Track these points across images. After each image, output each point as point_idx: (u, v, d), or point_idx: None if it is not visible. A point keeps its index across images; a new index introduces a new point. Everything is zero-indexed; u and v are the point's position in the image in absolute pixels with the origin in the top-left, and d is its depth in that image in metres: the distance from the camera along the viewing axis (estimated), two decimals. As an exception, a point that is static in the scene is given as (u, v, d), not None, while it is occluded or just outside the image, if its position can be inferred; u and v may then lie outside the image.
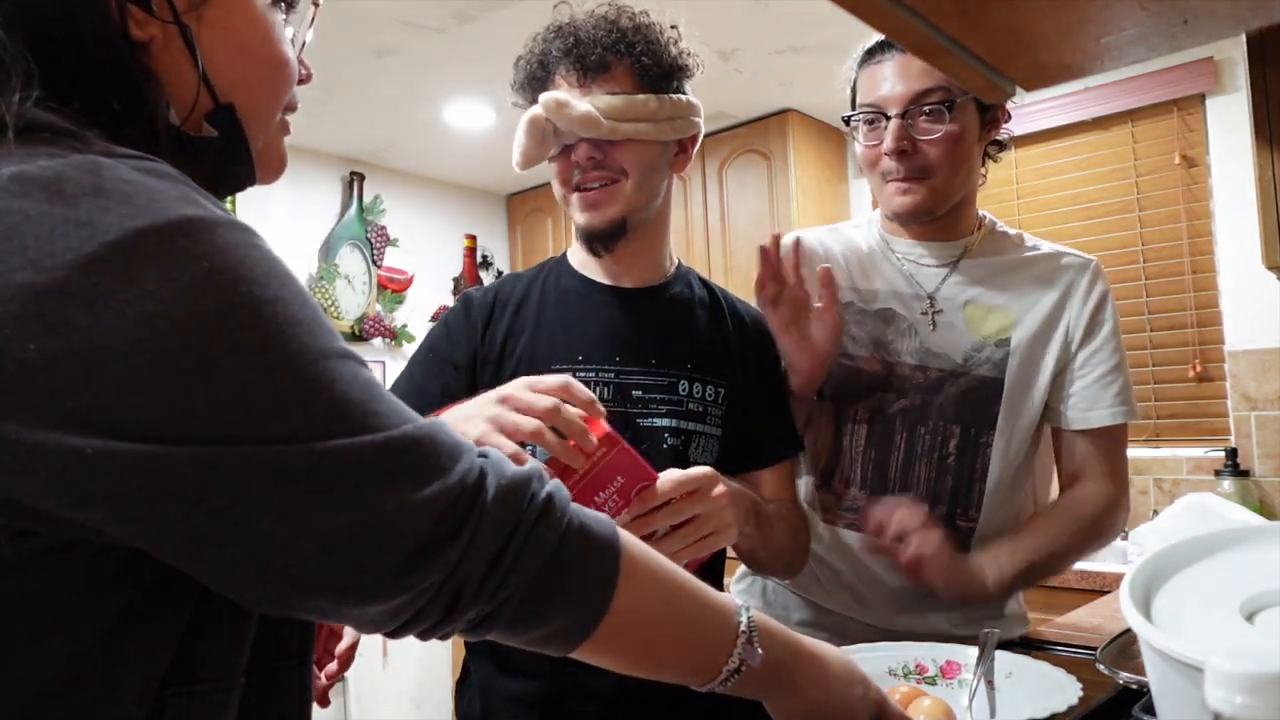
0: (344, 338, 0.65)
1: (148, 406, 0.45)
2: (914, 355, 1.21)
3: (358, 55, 2.80)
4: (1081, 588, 2.24)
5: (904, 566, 1.09)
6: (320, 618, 0.53)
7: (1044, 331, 1.21)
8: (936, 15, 0.83)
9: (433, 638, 0.57)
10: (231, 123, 0.62)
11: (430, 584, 0.52)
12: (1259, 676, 0.39)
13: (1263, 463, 2.60)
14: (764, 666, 0.67)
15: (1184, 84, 2.72)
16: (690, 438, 1.09)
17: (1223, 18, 0.89)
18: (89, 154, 0.49)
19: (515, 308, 1.14)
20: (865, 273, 1.27)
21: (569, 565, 0.58)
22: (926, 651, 1.01)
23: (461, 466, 0.54)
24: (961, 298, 1.22)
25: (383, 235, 3.89)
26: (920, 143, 1.16)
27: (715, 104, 3.29)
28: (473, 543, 0.53)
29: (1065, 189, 2.97)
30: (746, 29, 2.69)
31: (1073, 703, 0.83)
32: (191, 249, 0.47)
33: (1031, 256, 1.26)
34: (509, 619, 0.57)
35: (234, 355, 0.47)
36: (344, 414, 0.50)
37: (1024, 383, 1.20)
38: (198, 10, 0.59)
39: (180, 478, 0.46)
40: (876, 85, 1.18)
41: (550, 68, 1.09)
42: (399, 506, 0.50)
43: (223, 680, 0.53)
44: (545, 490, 0.58)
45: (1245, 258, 2.61)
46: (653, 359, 1.10)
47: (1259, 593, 0.62)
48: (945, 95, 1.14)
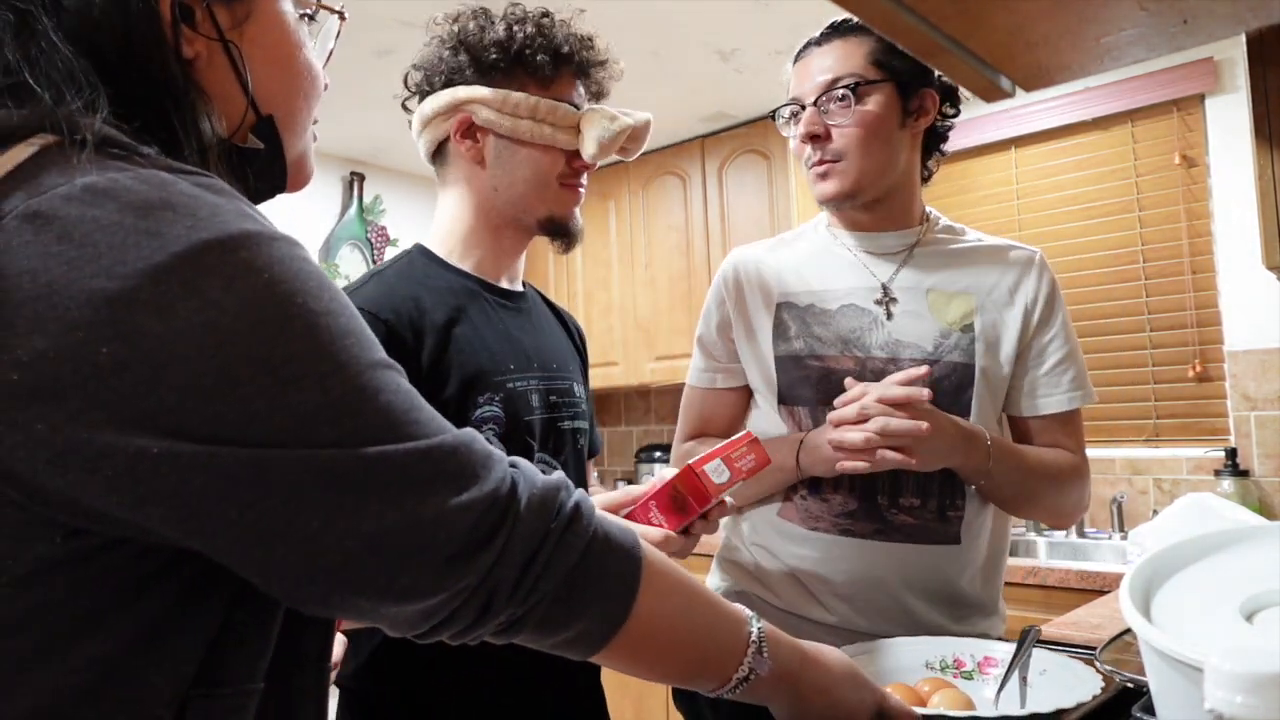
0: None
1: (210, 410, 0.47)
2: (884, 348, 1.21)
3: (358, 55, 2.80)
4: (1081, 588, 2.24)
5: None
6: (358, 617, 0.56)
7: (1003, 316, 1.23)
8: (936, 15, 0.83)
9: (464, 640, 0.60)
10: (273, 134, 0.65)
11: (466, 586, 0.55)
12: (1259, 676, 0.40)
13: (1263, 463, 2.60)
14: (771, 674, 0.70)
15: (1184, 84, 2.72)
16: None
17: (1223, 18, 0.89)
18: (153, 169, 0.51)
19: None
20: (820, 273, 1.28)
21: (594, 572, 0.61)
22: (965, 646, 1.02)
23: (496, 475, 0.57)
24: (924, 285, 1.24)
25: (383, 235, 3.89)
26: (832, 128, 1.21)
27: (715, 104, 3.29)
28: (507, 547, 0.56)
29: (1065, 189, 2.97)
30: (746, 29, 2.69)
31: (1095, 693, 0.83)
32: (252, 262, 0.50)
33: (981, 246, 1.29)
34: (537, 622, 0.60)
35: (291, 364, 0.49)
36: (389, 422, 0.52)
37: (992, 367, 1.22)
38: (240, 28, 0.62)
39: (237, 478, 0.48)
40: (799, 80, 1.26)
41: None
42: (439, 511, 0.53)
43: (245, 684, 0.55)
44: (573, 499, 0.61)
45: (1245, 258, 2.61)
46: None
47: (1259, 593, 0.62)
48: (856, 80, 1.20)
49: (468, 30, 1.10)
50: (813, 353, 1.23)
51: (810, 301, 1.26)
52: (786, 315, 1.26)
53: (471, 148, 1.11)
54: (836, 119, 1.21)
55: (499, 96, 1.07)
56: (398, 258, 1.14)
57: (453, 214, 1.15)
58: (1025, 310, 1.23)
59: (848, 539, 1.19)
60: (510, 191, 1.11)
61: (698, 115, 3.39)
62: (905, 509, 1.19)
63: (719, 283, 1.33)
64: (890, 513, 1.19)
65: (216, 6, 0.60)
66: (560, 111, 1.09)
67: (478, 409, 1.04)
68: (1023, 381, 1.24)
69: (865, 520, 1.19)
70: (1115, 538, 2.71)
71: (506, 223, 1.14)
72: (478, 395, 1.04)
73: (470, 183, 1.13)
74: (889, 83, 1.21)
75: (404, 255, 1.14)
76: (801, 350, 1.24)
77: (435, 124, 1.12)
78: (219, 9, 0.61)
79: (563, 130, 1.09)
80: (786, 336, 1.26)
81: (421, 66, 1.13)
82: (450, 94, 1.09)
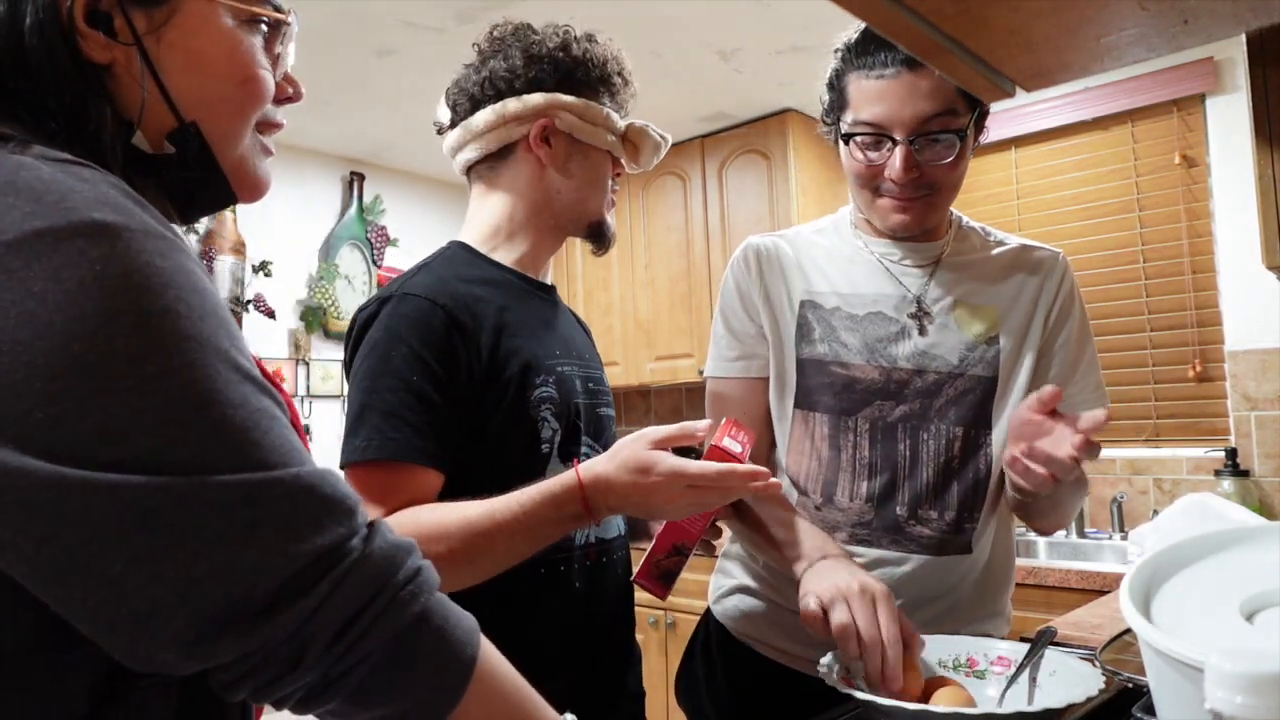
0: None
1: (14, 410, 0.43)
2: (910, 359, 1.19)
3: (358, 55, 2.80)
4: (1081, 588, 2.24)
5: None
6: (166, 670, 0.48)
7: (1025, 324, 1.21)
8: (936, 15, 0.83)
9: (264, 699, 0.52)
10: (196, 141, 0.62)
11: (276, 637, 0.48)
12: (1259, 676, 0.40)
13: (1263, 463, 2.60)
14: None
15: (1184, 84, 2.72)
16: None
17: (1223, 18, 0.89)
18: (21, 156, 0.49)
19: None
20: (847, 277, 1.24)
21: (425, 647, 0.54)
22: (978, 646, 1.02)
23: (341, 527, 0.51)
24: (950, 298, 1.22)
25: (383, 235, 3.89)
26: (925, 165, 1.13)
27: (715, 104, 3.29)
28: (332, 595, 0.49)
29: (1065, 189, 2.97)
30: (746, 29, 2.69)
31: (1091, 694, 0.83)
32: (86, 251, 0.45)
33: (1005, 253, 1.26)
34: (352, 689, 0.52)
35: (108, 364, 0.44)
36: (222, 442, 0.47)
37: (1013, 378, 1.20)
38: (157, 33, 0.60)
39: (35, 504, 0.43)
40: (877, 101, 1.12)
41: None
42: (261, 561, 0.47)
43: (161, 675, 0.52)
44: (420, 564, 0.56)
45: (1245, 258, 2.61)
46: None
47: (1259, 593, 0.62)
48: (953, 120, 1.12)
49: (550, 44, 1.16)
50: (837, 358, 1.21)
51: (836, 304, 1.23)
52: (811, 315, 1.23)
53: (548, 152, 1.15)
54: (932, 158, 1.13)
55: (582, 105, 1.15)
56: (440, 252, 1.17)
57: (501, 212, 1.18)
58: (1046, 316, 1.22)
59: (862, 547, 1.18)
60: (575, 194, 1.18)
61: (698, 115, 3.39)
62: (923, 520, 1.18)
63: (740, 267, 1.27)
64: (909, 524, 1.17)
65: (133, 11, 0.59)
66: (616, 122, 1.18)
67: (535, 389, 1.08)
68: (1045, 383, 1.19)
69: (881, 530, 1.18)
70: (1115, 538, 2.71)
71: (559, 224, 1.20)
72: (534, 377, 1.08)
73: (532, 184, 1.17)
74: (973, 111, 1.14)
75: (445, 250, 1.18)
76: (826, 355, 1.21)
77: (510, 126, 1.15)
78: (136, 14, 0.59)
79: (617, 141, 1.19)
80: (811, 339, 1.22)
81: (499, 72, 1.15)
82: (542, 98, 1.14)
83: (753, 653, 1.25)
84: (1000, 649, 1.01)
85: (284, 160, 3.64)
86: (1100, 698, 0.83)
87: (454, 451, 1.02)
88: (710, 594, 1.36)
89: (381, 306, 1.05)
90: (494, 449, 1.05)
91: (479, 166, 1.20)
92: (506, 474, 1.02)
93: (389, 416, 0.99)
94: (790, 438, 1.24)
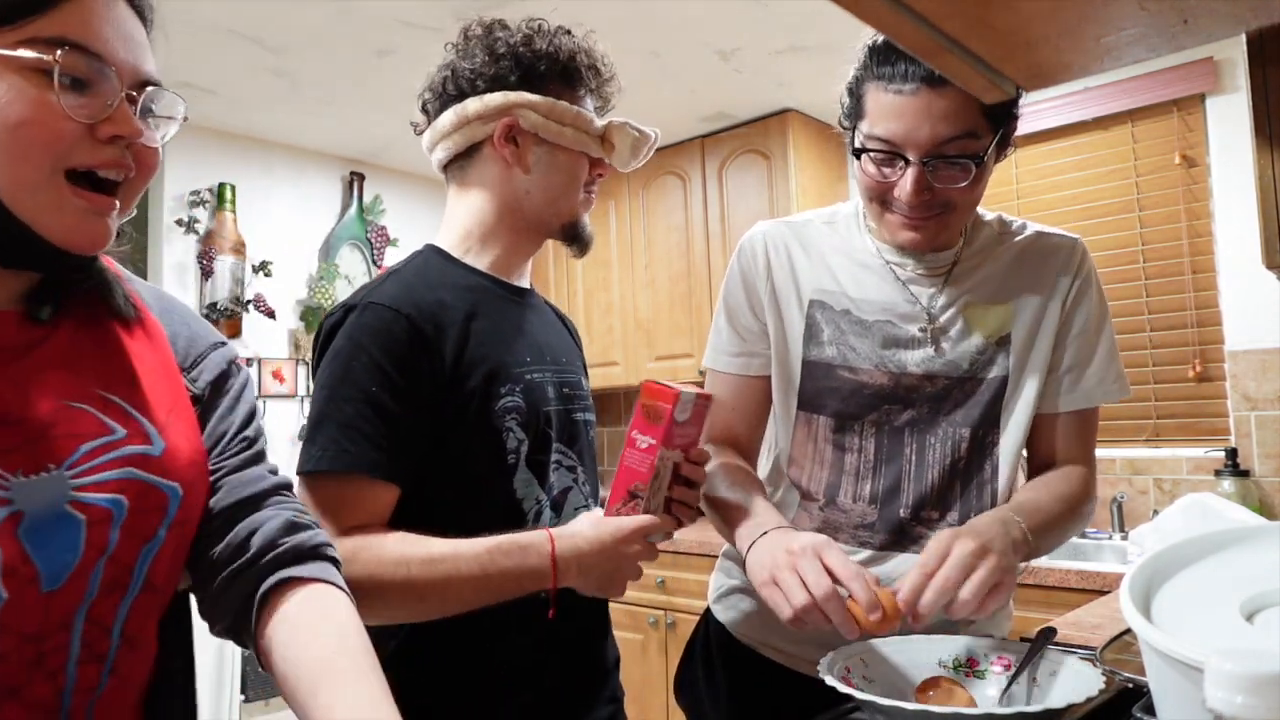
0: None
1: None
2: (920, 365, 1.17)
3: (358, 55, 2.80)
4: (1081, 588, 2.24)
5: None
6: None
7: (1039, 316, 1.19)
8: (936, 15, 0.83)
9: None
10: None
11: None
12: (1259, 676, 0.40)
13: (1263, 463, 2.60)
14: None
15: (1184, 84, 2.72)
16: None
17: (1223, 18, 0.89)
18: None
19: None
20: (857, 281, 1.21)
21: None
22: (979, 646, 1.02)
23: None
24: (962, 299, 1.19)
25: (383, 235, 3.89)
26: (939, 187, 1.09)
27: (715, 104, 3.29)
28: None
29: (1065, 189, 2.97)
30: (746, 29, 2.69)
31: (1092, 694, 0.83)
32: None
33: (1018, 244, 1.23)
34: None
35: None
36: None
37: (1026, 375, 1.18)
38: None
39: None
40: (893, 118, 1.07)
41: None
42: None
43: None
44: None
45: (1245, 258, 2.61)
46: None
47: (1259, 593, 0.62)
48: (971, 144, 1.07)
49: (512, 40, 1.13)
50: (846, 363, 1.18)
51: (846, 307, 1.20)
52: (819, 316, 1.20)
53: (513, 152, 1.13)
54: (946, 180, 1.08)
55: (547, 103, 1.11)
56: (412, 257, 1.16)
57: (473, 215, 1.17)
58: (1061, 304, 1.19)
59: (863, 549, 1.18)
60: (544, 195, 1.15)
61: (698, 115, 3.39)
62: (925, 521, 1.17)
63: (749, 256, 1.24)
64: (911, 525, 1.17)
65: None
66: (591, 121, 1.14)
67: (500, 399, 1.06)
68: (1061, 374, 1.19)
69: (884, 532, 1.17)
70: (1115, 538, 2.71)
71: (531, 225, 1.17)
72: (499, 386, 1.07)
73: (500, 185, 1.15)
74: (996, 131, 1.09)
75: (418, 255, 1.17)
76: (834, 358, 1.19)
77: (474, 126, 1.14)
78: None
79: (592, 139, 1.15)
80: (819, 340, 1.20)
81: (462, 71, 1.14)
82: (502, 97, 1.12)
83: (752, 653, 1.25)
84: (1000, 649, 1.01)
85: (284, 160, 3.64)
86: (1100, 698, 0.83)
87: (416, 461, 1.02)
88: (710, 594, 1.35)
89: (347, 315, 1.04)
90: (456, 459, 1.04)
91: (451, 166, 1.19)
92: (470, 484, 1.02)
93: (345, 428, 0.98)
94: (793, 440, 1.23)
